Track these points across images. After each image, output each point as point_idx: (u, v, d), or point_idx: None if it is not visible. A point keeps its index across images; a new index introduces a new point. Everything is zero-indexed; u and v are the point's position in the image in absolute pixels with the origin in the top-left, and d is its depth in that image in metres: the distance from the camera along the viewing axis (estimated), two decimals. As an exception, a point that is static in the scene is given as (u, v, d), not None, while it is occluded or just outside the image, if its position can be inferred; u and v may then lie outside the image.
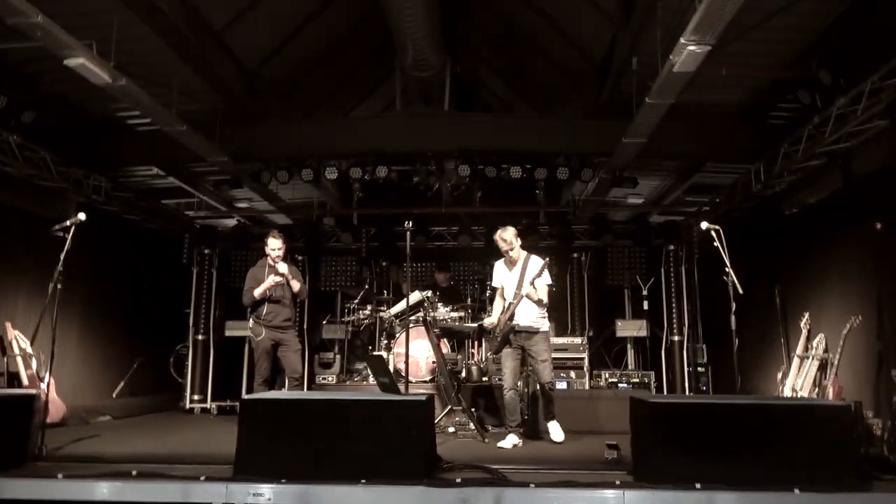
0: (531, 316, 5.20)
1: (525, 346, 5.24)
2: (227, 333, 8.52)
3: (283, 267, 5.87)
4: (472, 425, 5.84)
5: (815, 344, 6.14)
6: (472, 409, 6.00)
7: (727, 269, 4.60)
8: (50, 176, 6.76)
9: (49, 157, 6.66)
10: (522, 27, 8.14)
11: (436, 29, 6.77)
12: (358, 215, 10.87)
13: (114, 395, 7.79)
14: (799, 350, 6.34)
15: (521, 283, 5.18)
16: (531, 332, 5.20)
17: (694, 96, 6.17)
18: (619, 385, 6.75)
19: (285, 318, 5.93)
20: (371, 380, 6.84)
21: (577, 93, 8.28)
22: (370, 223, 10.00)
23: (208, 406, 8.25)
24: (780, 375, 6.46)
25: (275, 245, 5.96)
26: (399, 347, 7.05)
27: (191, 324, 8.65)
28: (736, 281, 4.56)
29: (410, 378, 6.90)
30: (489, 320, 5.50)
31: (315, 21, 7.68)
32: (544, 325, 5.25)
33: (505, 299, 5.35)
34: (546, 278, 5.22)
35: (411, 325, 7.18)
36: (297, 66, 8.27)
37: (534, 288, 5.11)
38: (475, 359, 7.23)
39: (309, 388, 7.75)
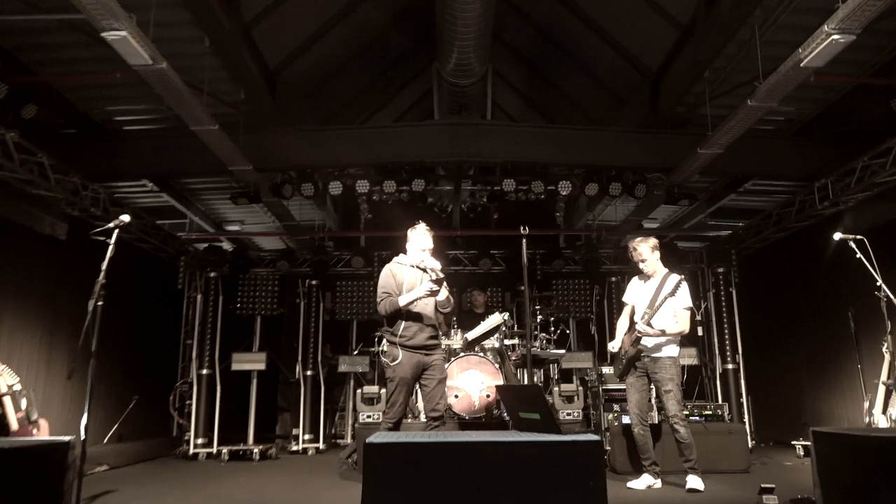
0: (658, 338, 4.58)
1: (650, 372, 4.60)
2: (234, 367, 7.42)
3: (436, 264, 4.32)
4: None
5: (904, 371, 5.72)
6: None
7: (879, 284, 4.11)
8: (45, 183, 5.76)
9: (47, 162, 5.67)
10: (558, 37, 7.68)
11: (487, 33, 6.22)
12: (365, 239, 10.15)
13: (104, 441, 6.65)
14: (883, 377, 5.90)
15: (652, 302, 4.57)
16: (657, 357, 4.57)
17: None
18: (692, 418, 6.14)
19: (430, 335, 4.42)
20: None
21: (621, 107, 7.85)
22: (379, 247, 9.22)
23: (214, 450, 7.07)
24: (866, 405, 6.00)
25: (427, 241, 4.46)
26: (449, 380, 6.26)
27: (193, 356, 7.50)
28: (892, 295, 4.06)
29: (462, 414, 6.22)
30: (613, 344, 4.82)
31: (339, 25, 7.06)
32: (672, 349, 4.61)
33: (633, 319, 4.70)
34: (683, 300, 4.59)
35: (461, 354, 6.48)
36: (318, 70, 7.57)
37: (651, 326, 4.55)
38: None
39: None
